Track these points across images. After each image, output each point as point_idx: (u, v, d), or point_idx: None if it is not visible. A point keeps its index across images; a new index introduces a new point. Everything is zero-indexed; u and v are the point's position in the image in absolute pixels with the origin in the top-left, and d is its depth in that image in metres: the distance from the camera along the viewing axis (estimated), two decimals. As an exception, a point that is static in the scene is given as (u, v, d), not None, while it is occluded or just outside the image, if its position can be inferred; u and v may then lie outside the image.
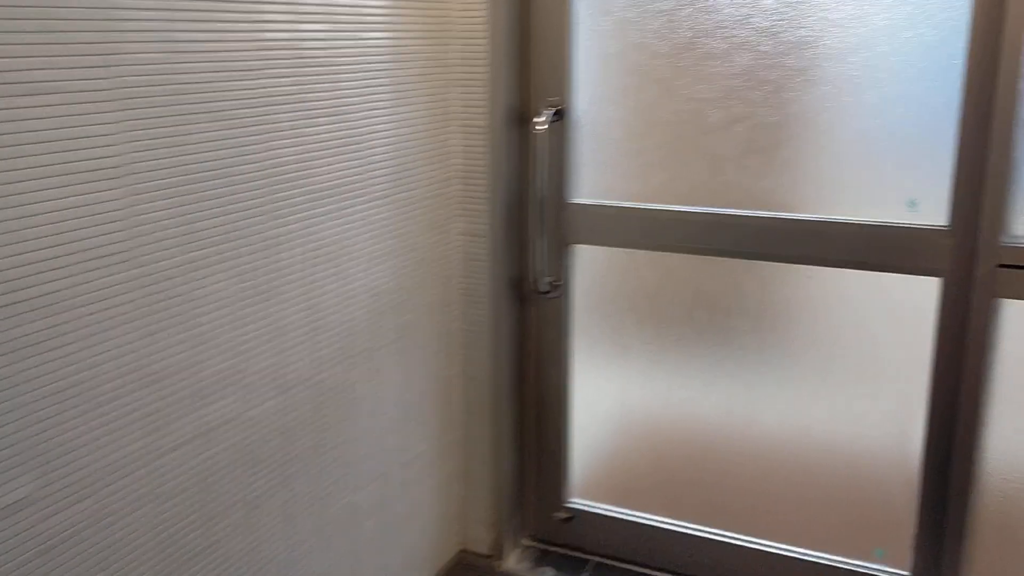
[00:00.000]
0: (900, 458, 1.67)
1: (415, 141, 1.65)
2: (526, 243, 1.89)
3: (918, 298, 1.59)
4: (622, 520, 1.93)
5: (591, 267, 1.86)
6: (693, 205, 1.73)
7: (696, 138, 1.70)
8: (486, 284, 1.84)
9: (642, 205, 1.76)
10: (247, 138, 1.26)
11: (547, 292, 1.86)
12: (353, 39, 1.45)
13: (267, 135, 1.30)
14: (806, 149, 1.63)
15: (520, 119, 1.82)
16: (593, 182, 1.81)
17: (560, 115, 1.79)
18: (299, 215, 1.38)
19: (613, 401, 1.90)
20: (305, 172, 1.38)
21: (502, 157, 1.78)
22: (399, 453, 1.71)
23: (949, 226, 1.53)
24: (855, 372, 1.68)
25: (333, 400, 1.50)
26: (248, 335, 1.30)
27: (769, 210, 1.67)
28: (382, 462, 1.67)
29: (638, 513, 1.92)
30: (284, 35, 1.31)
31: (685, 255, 1.75)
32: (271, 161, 1.31)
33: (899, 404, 1.65)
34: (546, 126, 1.76)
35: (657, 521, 1.90)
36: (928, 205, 1.56)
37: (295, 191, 1.36)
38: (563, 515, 1.97)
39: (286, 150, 1.34)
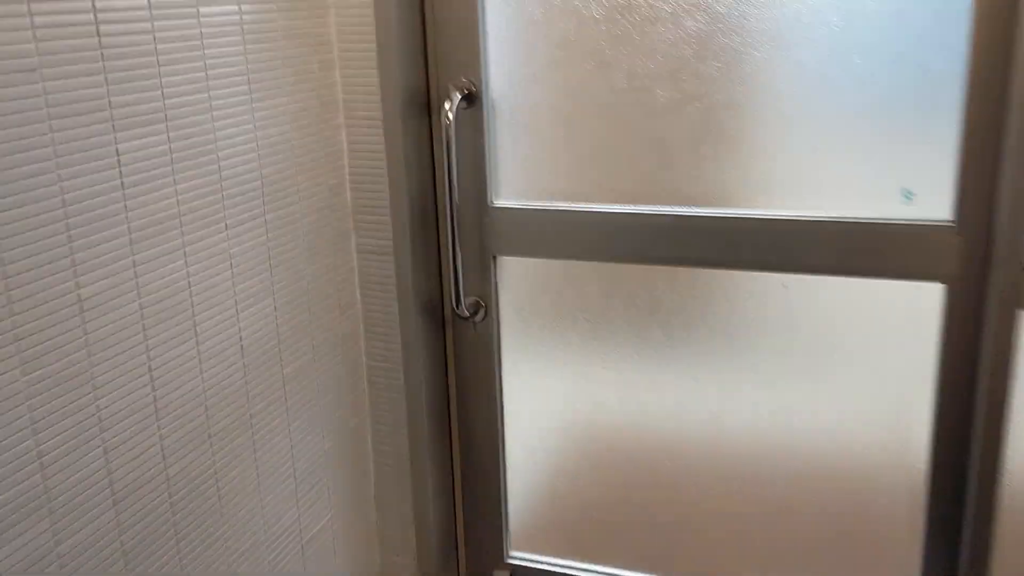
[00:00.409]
0: (900, 487, 1.41)
1: (288, 142, 1.29)
2: (441, 258, 1.55)
3: (917, 308, 1.31)
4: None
5: (522, 283, 1.53)
6: (640, 204, 1.41)
7: (641, 123, 1.38)
8: (394, 312, 1.50)
9: (578, 207, 1.44)
10: (31, 169, 0.89)
11: (470, 315, 1.53)
12: (185, 14, 1.08)
13: (62, 159, 0.92)
14: (776, 131, 1.32)
15: (423, 105, 1.47)
16: (517, 180, 1.48)
17: (472, 99, 1.44)
18: (123, 262, 1.01)
19: (556, 435, 1.59)
20: (128, 202, 1.01)
21: (403, 154, 1.43)
22: (297, 532, 1.38)
23: (954, 221, 1.25)
24: (843, 392, 1.40)
25: (195, 494, 1.15)
26: (52, 441, 0.94)
27: (733, 208, 1.36)
28: (276, 548, 1.33)
29: (592, 567, 1.63)
30: (76, 16, 0.93)
31: (634, 265, 1.44)
32: (74, 194, 0.94)
33: (897, 426, 1.38)
34: (455, 113, 1.41)
35: (615, 573, 1.61)
36: (927, 196, 1.27)
37: (114, 230, 0.99)
38: (503, 574, 1.67)
39: (96, 176, 0.96)
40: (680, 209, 1.39)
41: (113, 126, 0.98)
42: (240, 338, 1.22)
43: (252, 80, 1.20)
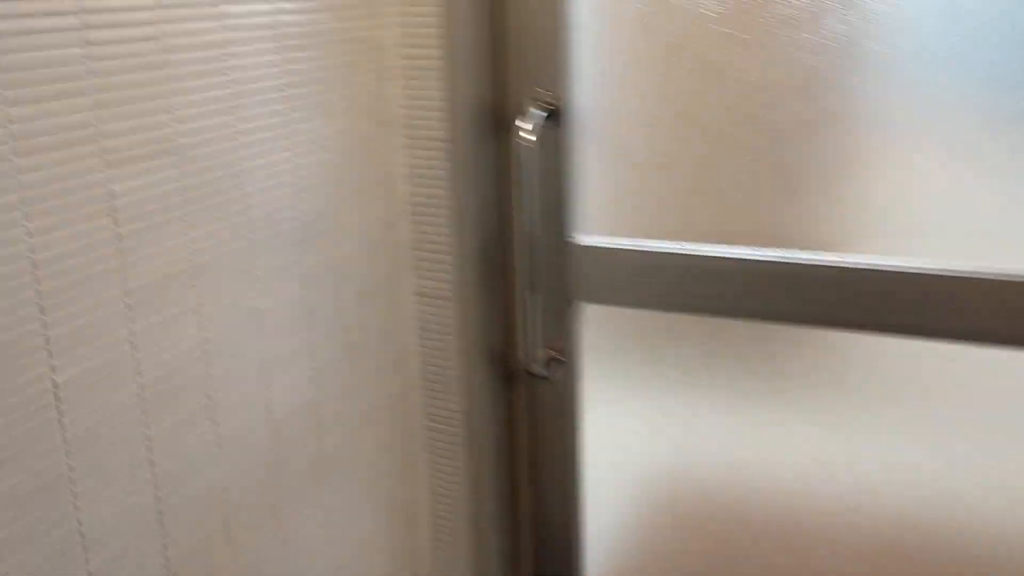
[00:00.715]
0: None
1: (334, 170, 1.07)
2: (511, 304, 1.31)
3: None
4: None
5: (607, 336, 1.28)
6: (760, 248, 1.15)
7: (763, 147, 1.12)
8: (455, 366, 1.27)
9: (681, 247, 1.18)
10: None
11: (544, 373, 1.29)
12: (203, 15, 0.86)
13: (32, 208, 0.71)
14: (940, 162, 1.05)
15: (495, 123, 1.23)
16: (606, 213, 1.23)
17: (555, 115, 1.20)
18: (117, 335, 0.79)
19: (645, 514, 1.34)
20: (125, 259, 0.79)
21: (471, 180, 1.20)
22: (336, 630, 1.16)
23: None
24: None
25: (209, 609, 0.94)
26: (14, 571, 0.73)
27: (880, 256, 1.09)
28: (309, 652, 1.11)
29: (682, 669, 1.38)
30: (52, 21, 0.71)
31: (749, 322, 1.18)
32: (48, 254, 0.72)
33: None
34: (535, 132, 1.17)
35: (709, 677, 1.36)
36: None
37: (104, 295, 0.78)
38: (577, 670, 1.43)
39: (80, 228, 0.75)
40: (811, 256, 1.12)
41: (104, 161, 0.76)
42: (269, 412, 1.00)
43: (290, 97, 0.98)
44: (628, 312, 1.25)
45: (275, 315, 0.99)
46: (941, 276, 1.06)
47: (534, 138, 1.16)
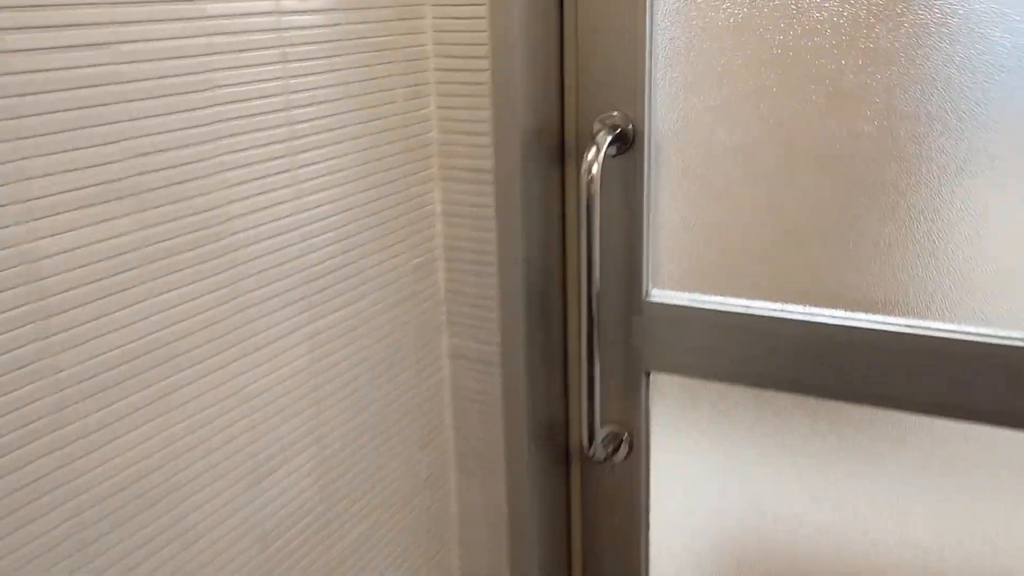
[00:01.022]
0: None
1: (352, 208, 0.85)
2: (568, 372, 1.09)
3: None
4: None
5: (686, 412, 1.05)
6: (889, 315, 0.91)
7: (897, 188, 0.88)
8: (498, 444, 1.05)
9: (781, 310, 0.95)
10: None
11: (606, 455, 1.06)
12: (179, 13, 0.65)
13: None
14: None
15: (554, 151, 1.01)
16: (687, 264, 1.00)
17: (626, 142, 0.97)
18: (43, 441, 0.59)
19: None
20: (58, 337, 0.59)
21: (522, 220, 0.97)
22: None
23: None
24: None
25: None
26: None
27: (1048, 332, 0.85)
28: None
29: None
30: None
31: (872, 408, 0.94)
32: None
33: None
34: (603, 163, 0.94)
35: None
36: None
37: (28, 389, 0.57)
38: None
39: (13, 290, 0.55)
40: (947, 327, 0.88)
41: (26, 210, 0.56)
42: (260, 521, 0.78)
43: (295, 120, 0.77)
44: (712, 387, 1.01)
45: (271, 396, 0.78)
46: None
47: (600, 170, 0.94)
